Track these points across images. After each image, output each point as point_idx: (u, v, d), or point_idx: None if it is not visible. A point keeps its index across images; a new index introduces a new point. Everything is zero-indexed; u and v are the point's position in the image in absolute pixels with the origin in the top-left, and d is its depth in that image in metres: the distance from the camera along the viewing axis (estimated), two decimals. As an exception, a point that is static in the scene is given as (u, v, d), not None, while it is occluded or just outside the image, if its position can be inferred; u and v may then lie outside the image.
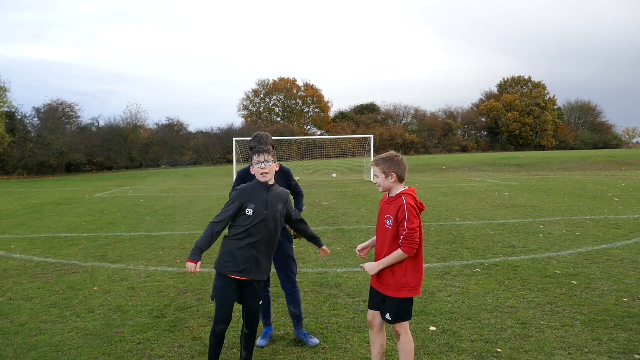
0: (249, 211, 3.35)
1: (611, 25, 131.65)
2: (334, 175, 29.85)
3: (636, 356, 3.68)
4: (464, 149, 66.17)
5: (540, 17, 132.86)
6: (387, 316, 3.26)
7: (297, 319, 4.22)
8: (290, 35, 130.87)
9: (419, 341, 4.03)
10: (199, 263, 3.29)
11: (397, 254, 3.18)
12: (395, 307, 3.23)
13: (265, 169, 3.41)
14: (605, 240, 8.00)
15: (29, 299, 5.41)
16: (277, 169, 3.57)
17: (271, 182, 3.46)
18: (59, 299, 5.40)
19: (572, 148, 66.07)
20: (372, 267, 3.25)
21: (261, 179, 3.42)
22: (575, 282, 5.58)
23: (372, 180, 24.93)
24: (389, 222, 3.20)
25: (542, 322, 4.39)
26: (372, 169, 3.40)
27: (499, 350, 3.84)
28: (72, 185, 26.90)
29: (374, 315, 3.38)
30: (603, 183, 19.95)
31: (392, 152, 3.33)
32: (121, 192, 21.16)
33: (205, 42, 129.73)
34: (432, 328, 4.31)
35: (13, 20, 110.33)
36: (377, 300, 3.33)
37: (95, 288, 5.81)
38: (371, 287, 3.41)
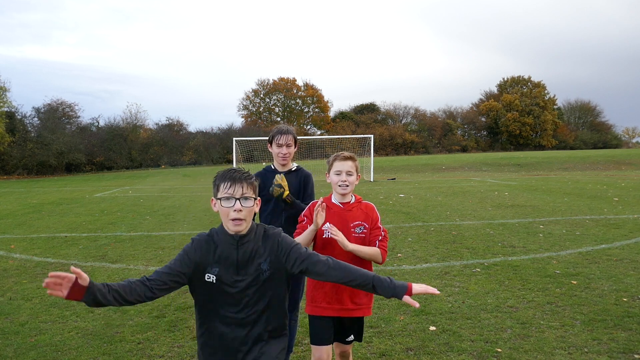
0: (209, 277, 2.17)
1: (611, 25, 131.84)
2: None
3: (636, 356, 3.68)
4: (464, 149, 66.18)
5: (540, 17, 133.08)
6: (351, 337, 2.95)
7: None
8: (290, 35, 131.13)
9: (419, 341, 4.03)
10: (70, 279, 1.90)
11: (374, 251, 2.81)
12: (362, 325, 2.99)
13: (241, 211, 2.12)
14: (605, 240, 8.00)
15: (29, 299, 5.41)
16: (256, 210, 2.25)
17: (245, 230, 2.18)
18: (59, 299, 5.40)
19: (572, 148, 66.07)
20: (343, 241, 2.71)
21: (231, 226, 2.14)
22: (575, 282, 5.58)
23: (371, 179, 25.03)
24: (359, 229, 2.84)
25: (542, 322, 4.39)
26: (342, 165, 2.85)
27: (499, 350, 3.84)
28: (72, 185, 26.89)
29: (327, 351, 2.83)
30: (603, 183, 19.95)
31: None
32: (121, 192, 21.15)
33: (206, 43, 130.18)
34: (432, 328, 4.31)
35: (17, 22, 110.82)
36: (331, 331, 2.85)
37: (95, 288, 5.81)
38: (323, 319, 2.82)
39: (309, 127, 72.90)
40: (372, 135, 28.67)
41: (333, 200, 2.92)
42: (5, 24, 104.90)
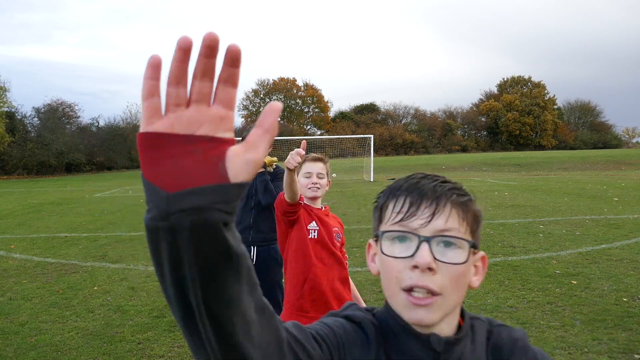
0: None
1: (611, 26, 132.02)
2: (334, 175, 29.88)
3: (636, 356, 3.68)
4: (464, 149, 66.18)
5: (540, 18, 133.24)
6: None
7: None
8: (290, 35, 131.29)
9: (419, 341, 4.03)
10: None
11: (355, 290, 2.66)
12: None
13: (433, 272, 0.76)
14: (605, 240, 7.99)
15: (29, 299, 5.41)
16: None
17: (448, 327, 0.83)
18: (59, 299, 5.40)
19: (572, 148, 66.06)
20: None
21: (407, 310, 0.79)
22: (575, 282, 5.58)
23: (371, 179, 25.03)
24: (337, 236, 2.57)
25: (542, 322, 4.39)
26: (312, 166, 2.53)
27: (499, 350, 3.84)
28: (72, 185, 26.89)
29: None
30: (603, 183, 19.95)
31: None
32: (121, 192, 21.14)
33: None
34: (432, 328, 4.31)
35: (19, 22, 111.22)
36: None
37: (95, 288, 5.81)
38: None
39: (309, 127, 72.91)
40: (372, 136, 28.66)
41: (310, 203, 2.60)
42: (7, 24, 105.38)
